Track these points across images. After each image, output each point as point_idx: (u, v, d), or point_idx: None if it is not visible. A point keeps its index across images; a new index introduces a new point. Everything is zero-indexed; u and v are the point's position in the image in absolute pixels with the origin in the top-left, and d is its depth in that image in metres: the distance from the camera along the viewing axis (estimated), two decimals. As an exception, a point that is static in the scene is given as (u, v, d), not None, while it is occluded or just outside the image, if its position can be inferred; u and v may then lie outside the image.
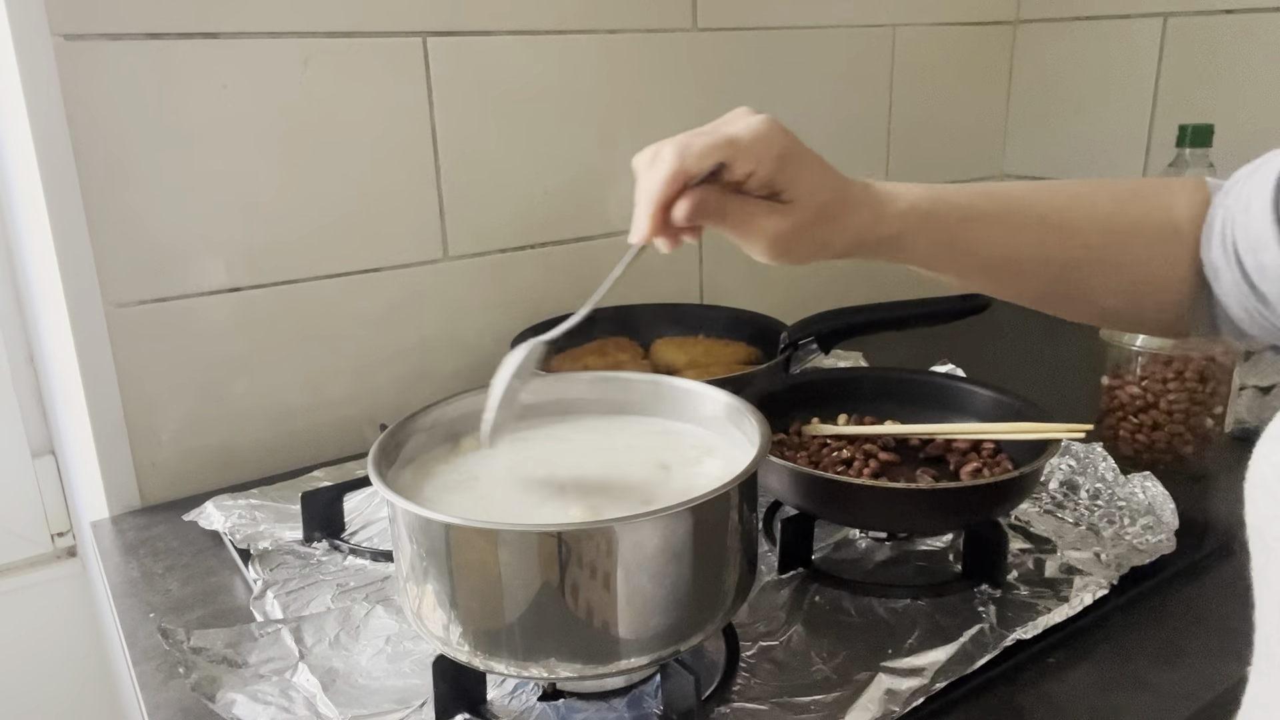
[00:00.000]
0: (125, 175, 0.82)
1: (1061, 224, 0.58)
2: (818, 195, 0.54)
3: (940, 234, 0.58)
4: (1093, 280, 0.59)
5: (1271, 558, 0.36)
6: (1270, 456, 0.37)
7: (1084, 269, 0.59)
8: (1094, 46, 1.35)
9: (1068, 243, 0.58)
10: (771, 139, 0.52)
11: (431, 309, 1.02)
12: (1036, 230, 0.58)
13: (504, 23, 0.99)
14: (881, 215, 0.56)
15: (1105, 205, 0.59)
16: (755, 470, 0.55)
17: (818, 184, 0.54)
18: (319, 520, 0.79)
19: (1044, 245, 0.58)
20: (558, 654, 0.51)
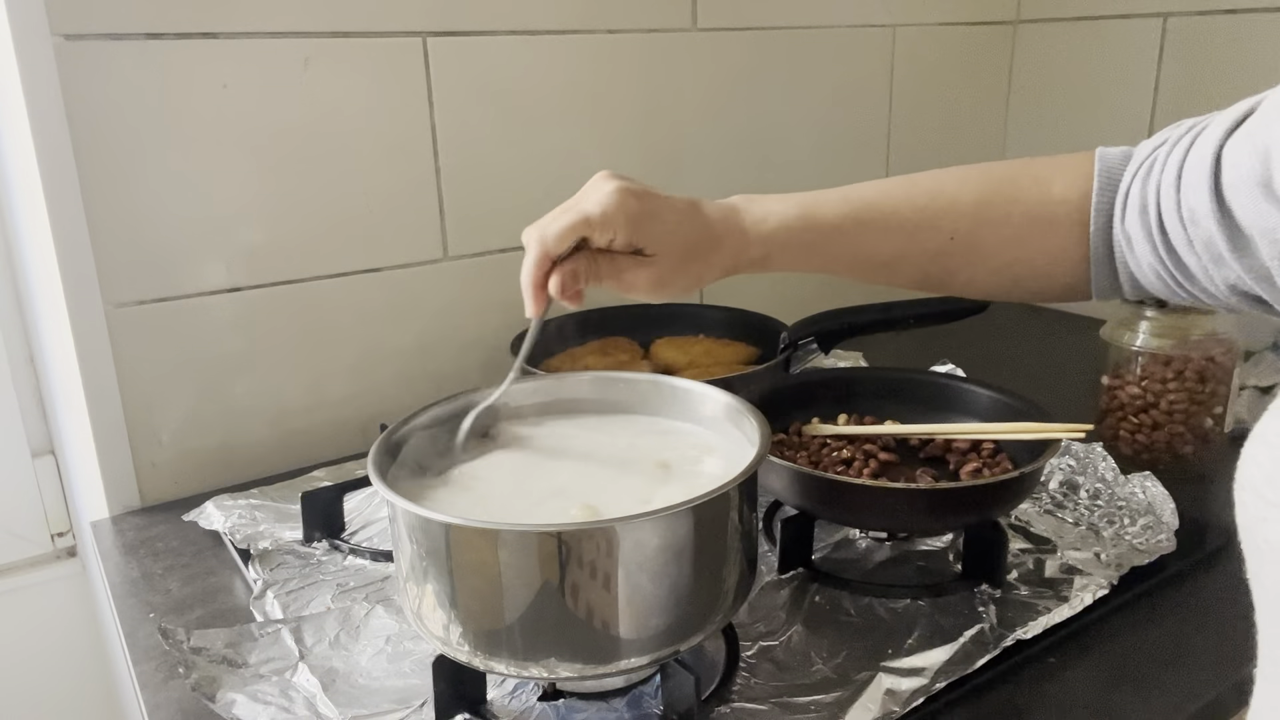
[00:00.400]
0: (125, 175, 0.82)
1: (923, 222, 0.62)
2: (676, 242, 0.60)
3: (808, 248, 0.63)
4: (966, 267, 0.62)
5: (1264, 560, 0.36)
6: (1257, 458, 0.37)
7: (955, 258, 0.62)
8: (1094, 46, 1.35)
9: (934, 238, 0.62)
10: (622, 207, 0.58)
11: (431, 309, 1.02)
12: (901, 231, 0.62)
13: (504, 23, 0.99)
14: (746, 241, 0.62)
15: (970, 197, 0.61)
16: (755, 470, 0.55)
17: (674, 233, 0.60)
18: (319, 520, 0.79)
19: (910, 243, 0.62)
20: (558, 654, 0.51)
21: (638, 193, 0.59)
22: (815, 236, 0.62)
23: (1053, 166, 0.61)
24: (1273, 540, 0.35)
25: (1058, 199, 0.59)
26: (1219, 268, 0.52)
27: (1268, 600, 0.37)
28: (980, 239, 0.61)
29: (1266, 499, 0.36)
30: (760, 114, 1.22)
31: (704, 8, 1.13)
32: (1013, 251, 0.61)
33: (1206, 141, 0.52)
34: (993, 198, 0.61)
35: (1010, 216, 0.60)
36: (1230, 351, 0.87)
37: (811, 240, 0.62)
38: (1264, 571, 0.37)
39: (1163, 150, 0.56)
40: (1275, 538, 0.35)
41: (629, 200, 0.58)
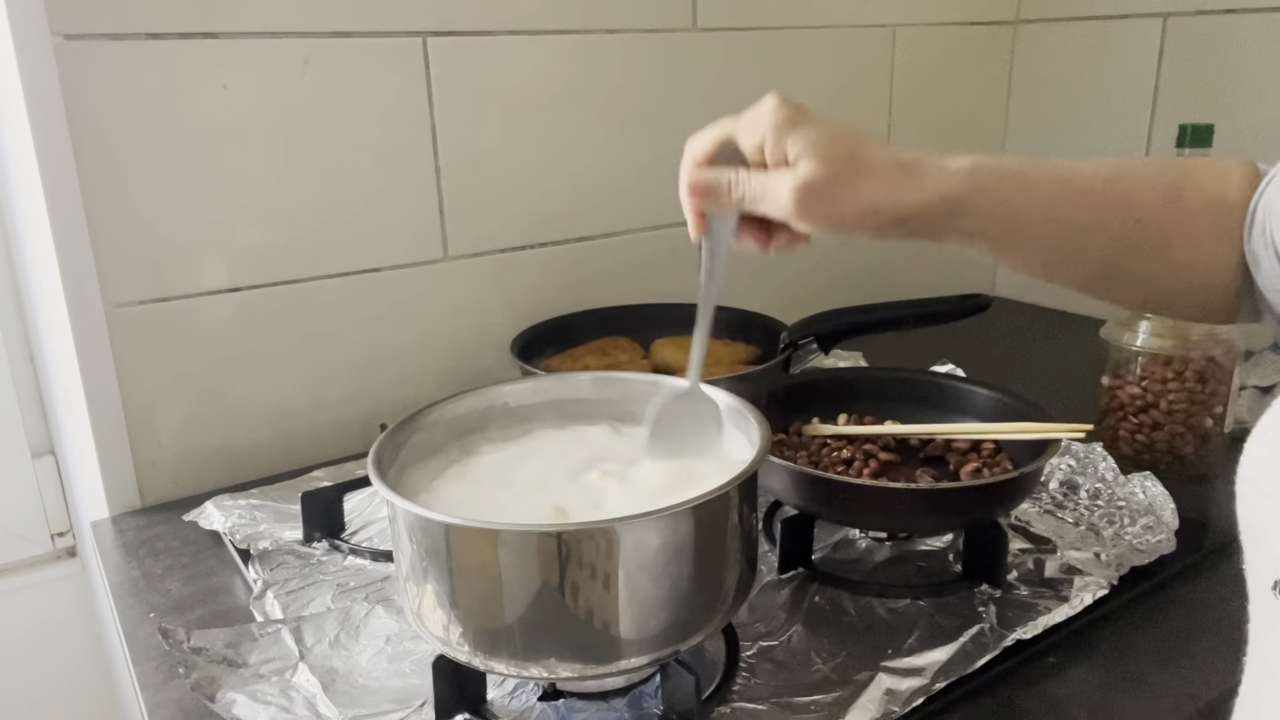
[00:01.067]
0: (125, 175, 0.82)
1: (1113, 197, 0.57)
2: (832, 149, 0.53)
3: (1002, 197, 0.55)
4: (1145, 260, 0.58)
5: (1258, 549, 0.37)
6: (1259, 452, 0.38)
7: (1138, 247, 0.57)
8: (1094, 46, 1.34)
9: (1122, 218, 0.57)
10: (771, 110, 0.55)
11: (431, 309, 1.02)
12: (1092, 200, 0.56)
13: (504, 23, 0.99)
14: (938, 171, 0.54)
15: (1157, 182, 0.57)
16: (755, 470, 0.55)
17: (828, 140, 0.53)
18: (319, 520, 0.79)
19: (1099, 217, 0.56)
20: (558, 654, 0.51)
21: (796, 105, 0.55)
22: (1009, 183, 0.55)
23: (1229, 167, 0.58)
24: (1267, 529, 0.36)
25: (1234, 201, 0.57)
26: None
27: (1257, 587, 0.37)
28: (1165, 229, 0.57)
29: (1263, 489, 0.37)
30: (760, 114, 1.22)
31: (704, 8, 1.12)
32: (1190, 249, 0.57)
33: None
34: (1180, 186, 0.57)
35: (1194, 211, 0.57)
36: (1230, 351, 0.87)
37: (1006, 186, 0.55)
38: (1258, 560, 0.37)
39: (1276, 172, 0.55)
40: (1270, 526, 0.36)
41: (781, 106, 0.55)
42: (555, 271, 1.09)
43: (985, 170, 0.55)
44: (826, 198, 0.53)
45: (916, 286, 1.00)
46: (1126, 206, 0.57)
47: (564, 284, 1.10)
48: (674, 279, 1.19)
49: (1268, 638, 0.37)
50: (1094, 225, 0.57)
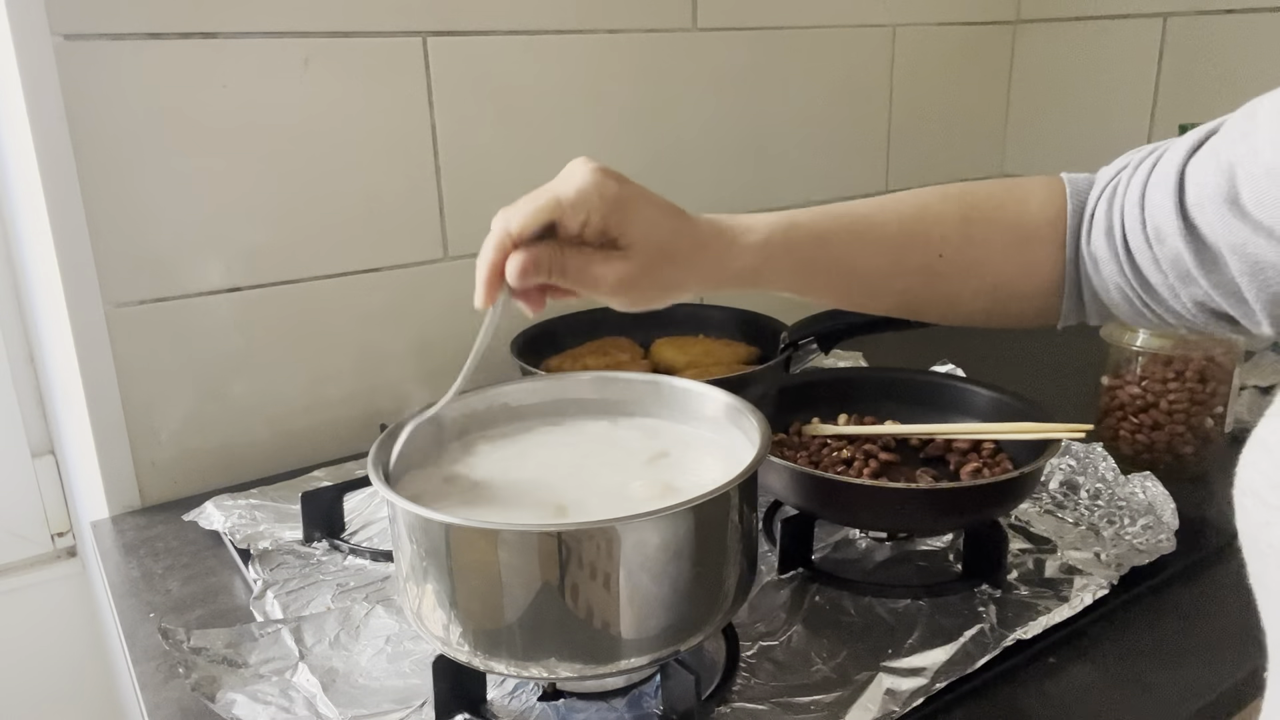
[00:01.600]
0: (125, 175, 0.82)
1: (913, 236, 0.60)
2: (654, 237, 0.55)
3: (797, 261, 0.59)
4: (951, 286, 0.62)
5: (1268, 564, 0.36)
6: (1258, 463, 0.37)
7: (942, 277, 0.61)
8: (1094, 46, 1.35)
9: (923, 253, 0.60)
10: (598, 188, 0.54)
11: (431, 309, 1.02)
12: (891, 245, 0.60)
13: (504, 23, 0.99)
14: (734, 250, 0.58)
15: (955, 213, 0.61)
16: (755, 470, 0.55)
17: (654, 226, 0.55)
18: (319, 520, 0.79)
19: (899, 258, 0.60)
20: (558, 654, 0.51)
21: (617, 177, 0.55)
22: (805, 247, 0.59)
23: (1028, 185, 0.61)
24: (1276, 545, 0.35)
25: (1037, 217, 0.60)
26: (1186, 286, 0.53)
27: (1273, 604, 0.37)
28: (966, 256, 0.60)
29: (1269, 503, 0.36)
30: (760, 114, 1.22)
31: (704, 8, 1.13)
32: (997, 271, 0.61)
33: (1169, 162, 0.53)
34: (977, 214, 0.60)
35: (994, 234, 0.60)
36: (1230, 351, 0.87)
37: (801, 251, 0.59)
38: (1269, 575, 0.37)
39: (1125, 173, 0.57)
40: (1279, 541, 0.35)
41: (607, 182, 0.54)
42: (555, 271, 1.09)
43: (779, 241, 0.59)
44: (643, 284, 0.56)
45: (916, 286, 1.00)
46: (927, 244, 0.60)
47: (564, 284, 1.10)
48: (674, 279, 1.19)
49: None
50: (892, 268, 0.61)
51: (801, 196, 1.28)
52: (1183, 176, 0.52)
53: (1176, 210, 0.52)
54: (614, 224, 0.54)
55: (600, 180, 0.54)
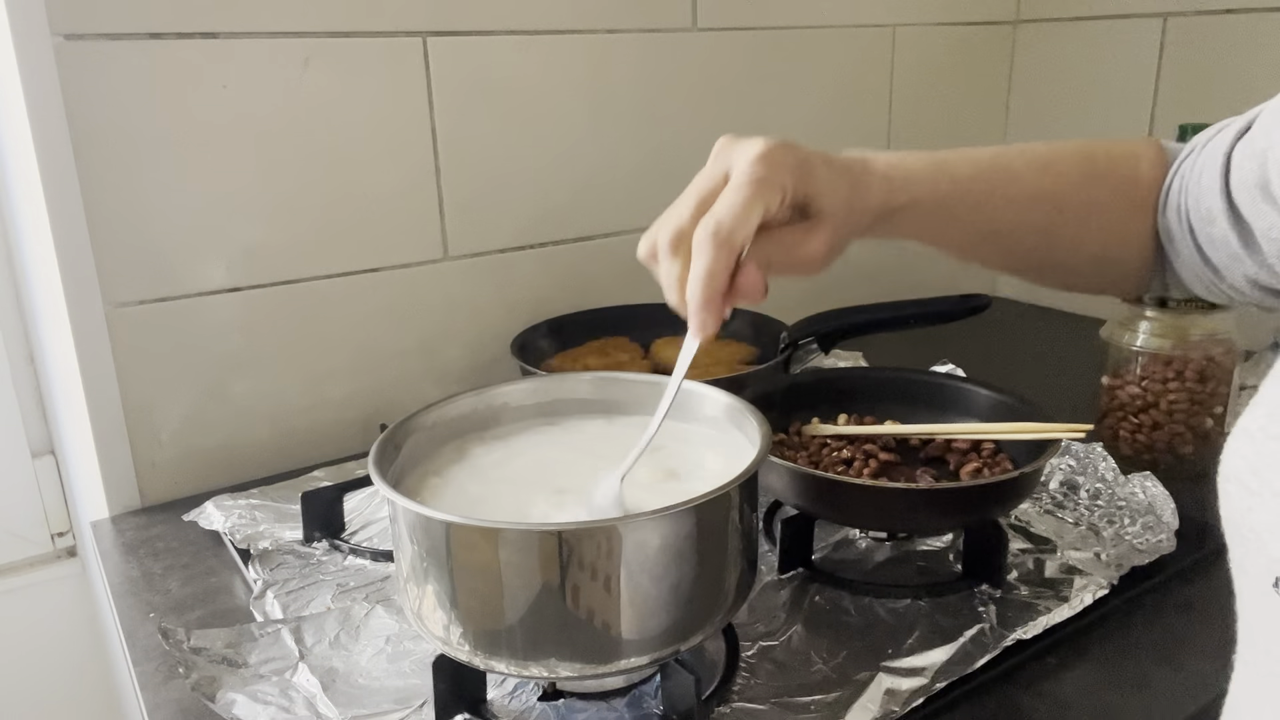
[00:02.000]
0: (125, 175, 0.82)
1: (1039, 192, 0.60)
2: (841, 192, 0.52)
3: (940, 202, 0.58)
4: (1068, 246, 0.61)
5: (1249, 549, 0.37)
6: (1241, 450, 0.38)
7: (1061, 234, 0.61)
8: (1094, 46, 1.34)
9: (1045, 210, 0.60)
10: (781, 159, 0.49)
11: (431, 309, 1.02)
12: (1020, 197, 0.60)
13: (503, 23, 0.99)
14: (891, 185, 0.56)
15: (1076, 170, 0.60)
16: (755, 470, 0.55)
17: (836, 181, 0.52)
18: (319, 520, 0.79)
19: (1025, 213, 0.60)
20: (558, 654, 0.51)
21: (784, 143, 0.50)
22: (949, 190, 0.57)
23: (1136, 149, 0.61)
24: (1257, 529, 0.36)
25: (1146, 179, 0.60)
26: (1236, 264, 0.54)
27: (1250, 587, 0.38)
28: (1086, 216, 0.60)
29: (1250, 488, 0.37)
30: (760, 114, 1.22)
31: (704, 8, 1.13)
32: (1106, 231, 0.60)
33: (1219, 144, 0.54)
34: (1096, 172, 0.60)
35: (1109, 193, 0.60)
36: (1230, 351, 0.87)
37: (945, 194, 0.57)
38: (1248, 560, 0.37)
39: (1194, 154, 0.58)
40: (1260, 526, 0.36)
41: (782, 152, 0.49)
42: (555, 271, 1.09)
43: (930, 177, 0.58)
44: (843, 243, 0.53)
45: (916, 286, 1.00)
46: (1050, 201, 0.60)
47: (564, 284, 1.10)
48: (674, 279, 1.19)
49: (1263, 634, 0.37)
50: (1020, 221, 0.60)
51: (801, 196, 1.28)
52: (1229, 159, 0.53)
53: (1223, 192, 0.53)
54: (803, 193, 0.50)
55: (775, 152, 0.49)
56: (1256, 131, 0.52)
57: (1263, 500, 0.36)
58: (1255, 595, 0.37)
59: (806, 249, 0.51)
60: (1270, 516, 0.35)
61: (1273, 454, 0.36)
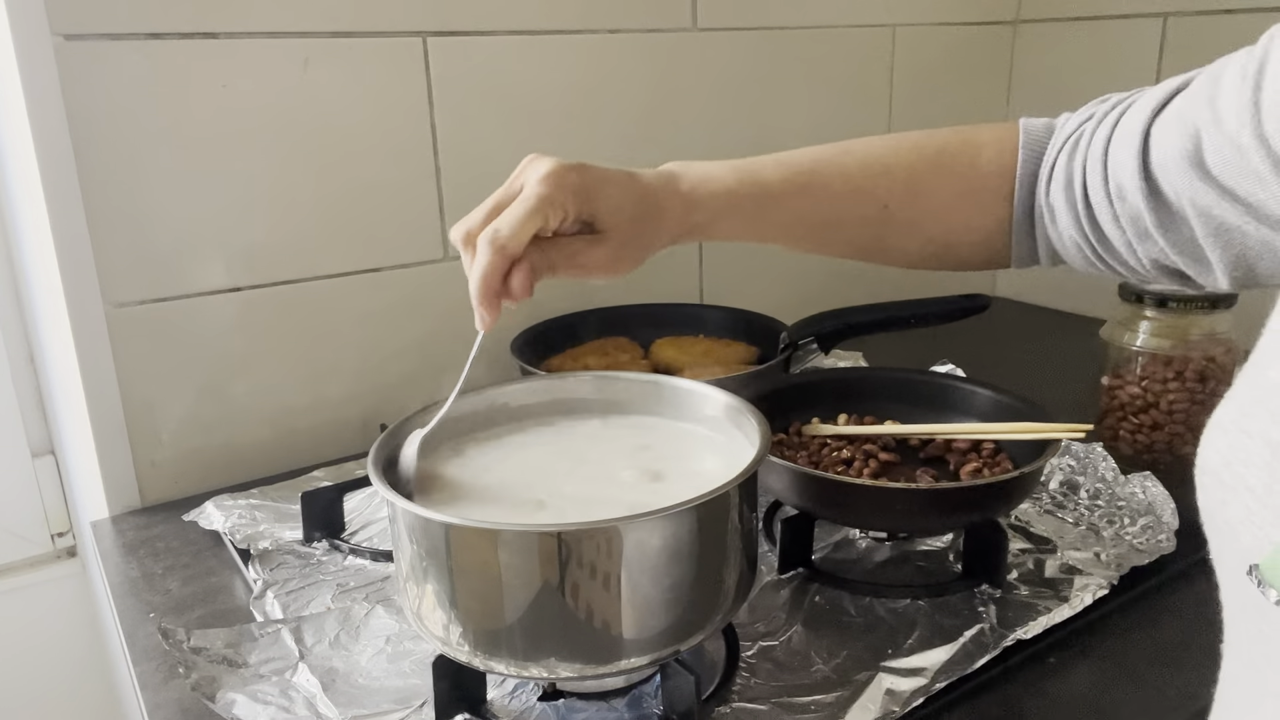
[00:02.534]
0: (125, 175, 0.82)
1: (860, 190, 0.62)
2: (625, 212, 0.58)
3: (747, 213, 0.62)
4: (897, 235, 0.63)
5: (1225, 540, 0.38)
6: (1215, 443, 0.39)
7: (888, 226, 0.63)
8: (1094, 46, 1.34)
9: (868, 206, 0.62)
10: (565, 181, 0.55)
11: (431, 309, 1.02)
12: (837, 198, 0.62)
13: (504, 23, 0.99)
14: (689, 205, 0.61)
15: (903, 166, 0.62)
16: (755, 470, 0.55)
17: (621, 202, 0.58)
18: (319, 520, 0.79)
19: (845, 210, 0.62)
20: (558, 654, 0.51)
21: (574, 166, 0.57)
22: (755, 200, 0.62)
23: (981, 135, 0.62)
24: (1232, 522, 0.37)
25: (986, 169, 0.61)
26: (1143, 243, 0.54)
27: (1228, 578, 0.38)
28: (913, 208, 0.62)
29: (1223, 482, 0.37)
30: (760, 114, 1.22)
31: (704, 8, 1.13)
32: (944, 221, 0.62)
33: (1134, 118, 0.54)
34: (924, 167, 0.62)
35: (941, 186, 0.61)
36: (1230, 351, 0.87)
37: (751, 204, 0.62)
38: (1225, 552, 0.38)
39: (1089, 125, 0.58)
40: (1235, 519, 0.36)
41: (569, 174, 0.56)
42: (555, 271, 1.09)
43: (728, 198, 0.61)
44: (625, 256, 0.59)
45: (916, 286, 1.00)
46: (873, 197, 0.62)
47: (564, 284, 1.09)
48: (674, 279, 1.19)
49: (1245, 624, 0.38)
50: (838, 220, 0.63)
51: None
52: (1148, 135, 0.53)
53: (1139, 169, 0.52)
54: (590, 210, 0.57)
55: (564, 174, 0.56)
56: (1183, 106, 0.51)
57: (1235, 493, 0.36)
58: (1232, 585, 0.38)
59: (588, 257, 0.58)
60: (1242, 509, 0.36)
61: (1244, 448, 0.37)
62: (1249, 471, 0.36)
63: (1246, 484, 0.36)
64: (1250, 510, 0.35)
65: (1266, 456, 0.35)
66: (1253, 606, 0.36)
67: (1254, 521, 0.35)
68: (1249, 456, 0.36)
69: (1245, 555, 0.35)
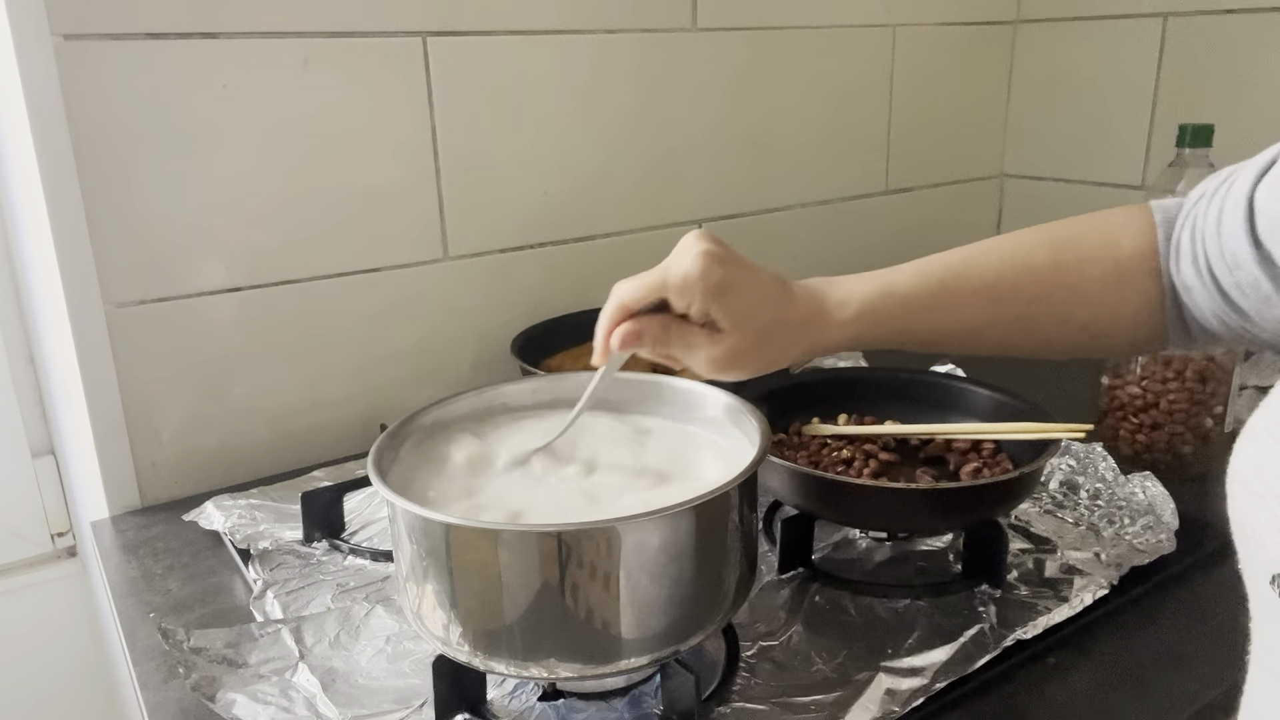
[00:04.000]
0: (125, 175, 0.82)
1: (1003, 291, 0.61)
2: (754, 322, 0.58)
3: (891, 330, 0.61)
4: (1047, 330, 0.61)
5: (1251, 549, 0.38)
6: (1246, 451, 0.39)
7: (1037, 322, 0.61)
8: (1094, 46, 1.35)
9: (1014, 305, 0.61)
10: (704, 275, 0.55)
11: (431, 309, 1.02)
12: (983, 302, 0.61)
13: (504, 23, 0.99)
14: (829, 326, 0.60)
15: (1045, 261, 0.60)
16: (755, 470, 0.55)
17: (753, 312, 0.58)
18: (319, 520, 0.79)
19: (992, 312, 0.61)
20: (558, 654, 0.51)
21: (723, 259, 0.56)
22: (898, 317, 0.61)
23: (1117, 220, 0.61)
24: (1260, 529, 0.37)
25: (1129, 253, 0.59)
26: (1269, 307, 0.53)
27: (1255, 585, 0.38)
28: (1059, 301, 0.60)
29: (1253, 489, 0.37)
30: (760, 114, 1.22)
31: (704, 8, 1.13)
32: (1092, 309, 0.60)
33: (1240, 188, 0.53)
34: (1065, 260, 0.60)
35: (1085, 277, 0.60)
36: (1230, 351, 0.87)
37: (895, 322, 0.61)
38: (1251, 559, 0.38)
39: (1202, 203, 0.57)
40: (1261, 525, 0.36)
41: (713, 267, 0.56)
42: (555, 271, 1.09)
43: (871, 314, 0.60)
44: (740, 363, 0.59)
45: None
46: (1018, 296, 0.60)
47: (564, 284, 1.10)
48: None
49: (1267, 632, 0.38)
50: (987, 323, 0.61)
51: (801, 196, 1.28)
52: (1251, 203, 0.52)
53: (1248, 237, 0.52)
54: (715, 309, 0.56)
55: (706, 267, 0.56)
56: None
57: (1264, 501, 0.36)
58: (1259, 593, 0.38)
59: (700, 352, 0.58)
60: (1270, 517, 0.36)
61: (1275, 455, 0.37)
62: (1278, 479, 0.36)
63: (1275, 491, 0.36)
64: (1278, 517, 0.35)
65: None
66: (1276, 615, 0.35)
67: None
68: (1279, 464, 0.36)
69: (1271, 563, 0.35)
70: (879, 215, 1.38)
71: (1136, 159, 1.31)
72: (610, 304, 0.58)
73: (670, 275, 0.56)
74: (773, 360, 0.60)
